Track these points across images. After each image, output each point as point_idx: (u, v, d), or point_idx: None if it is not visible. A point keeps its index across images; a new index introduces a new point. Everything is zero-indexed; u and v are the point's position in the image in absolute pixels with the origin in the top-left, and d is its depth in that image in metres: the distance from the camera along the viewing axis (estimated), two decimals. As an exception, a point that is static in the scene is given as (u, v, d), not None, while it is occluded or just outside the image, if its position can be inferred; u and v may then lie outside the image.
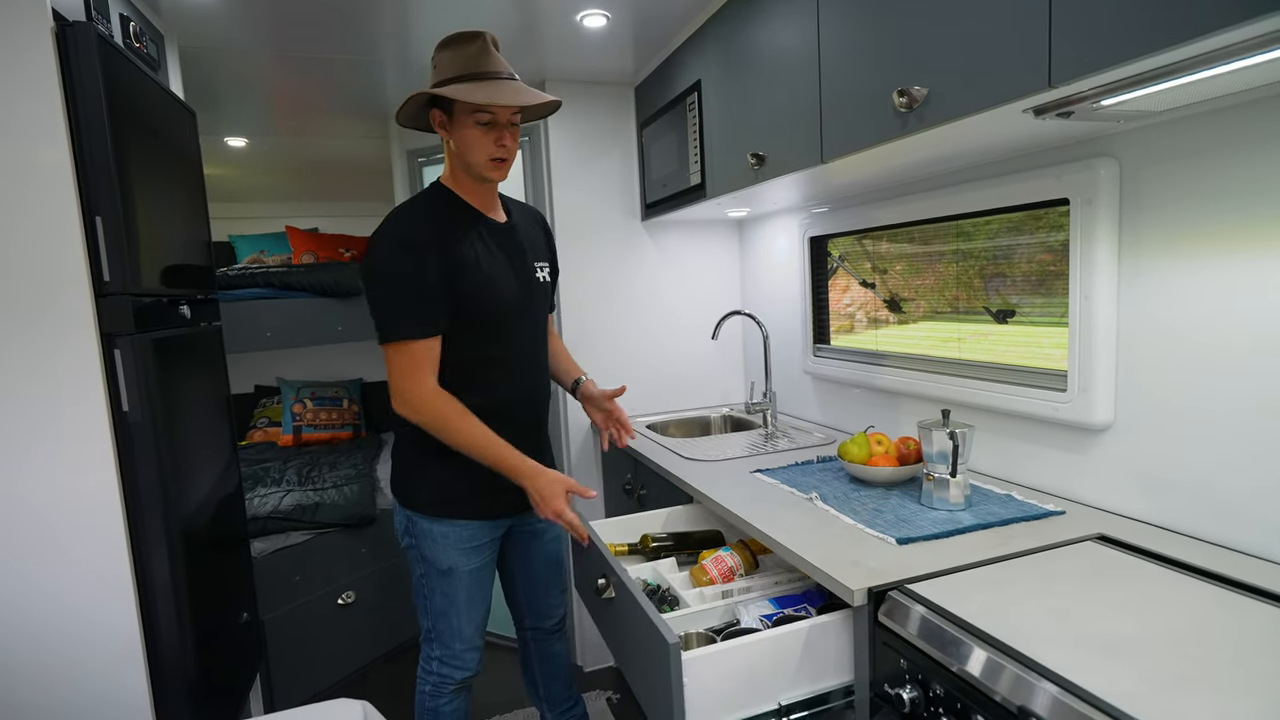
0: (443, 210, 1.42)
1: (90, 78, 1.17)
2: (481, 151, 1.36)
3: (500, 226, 1.48)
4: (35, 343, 1.17)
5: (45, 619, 1.21)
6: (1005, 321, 1.50)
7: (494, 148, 1.36)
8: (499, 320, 1.43)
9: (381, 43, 1.93)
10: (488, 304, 1.40)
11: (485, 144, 1.35)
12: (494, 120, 1.34)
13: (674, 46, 1.99)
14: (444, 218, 1.40)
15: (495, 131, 1.35)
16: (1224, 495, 1.07)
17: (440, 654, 1.54)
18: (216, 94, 2.29)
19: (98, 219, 1.19)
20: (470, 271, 1.37)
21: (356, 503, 2.53)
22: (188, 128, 1.66)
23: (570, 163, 2.33)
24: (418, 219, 1.39)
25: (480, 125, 1.34)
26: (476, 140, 1.35)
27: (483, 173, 1.39)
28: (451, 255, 1.36)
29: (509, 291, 1.44)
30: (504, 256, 1.45)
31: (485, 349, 1.43)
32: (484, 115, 1.33)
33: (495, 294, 1.41)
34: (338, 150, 3.16)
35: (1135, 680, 0.73)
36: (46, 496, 1.20)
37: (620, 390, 1.64)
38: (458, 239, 1.38)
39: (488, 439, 1.36)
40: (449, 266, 1.35)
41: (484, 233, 1.44)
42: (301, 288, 2.94)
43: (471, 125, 1.34)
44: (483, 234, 1.43)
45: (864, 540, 1.17)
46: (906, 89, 1.09)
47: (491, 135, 1.35)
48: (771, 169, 1.55)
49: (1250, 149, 0.99)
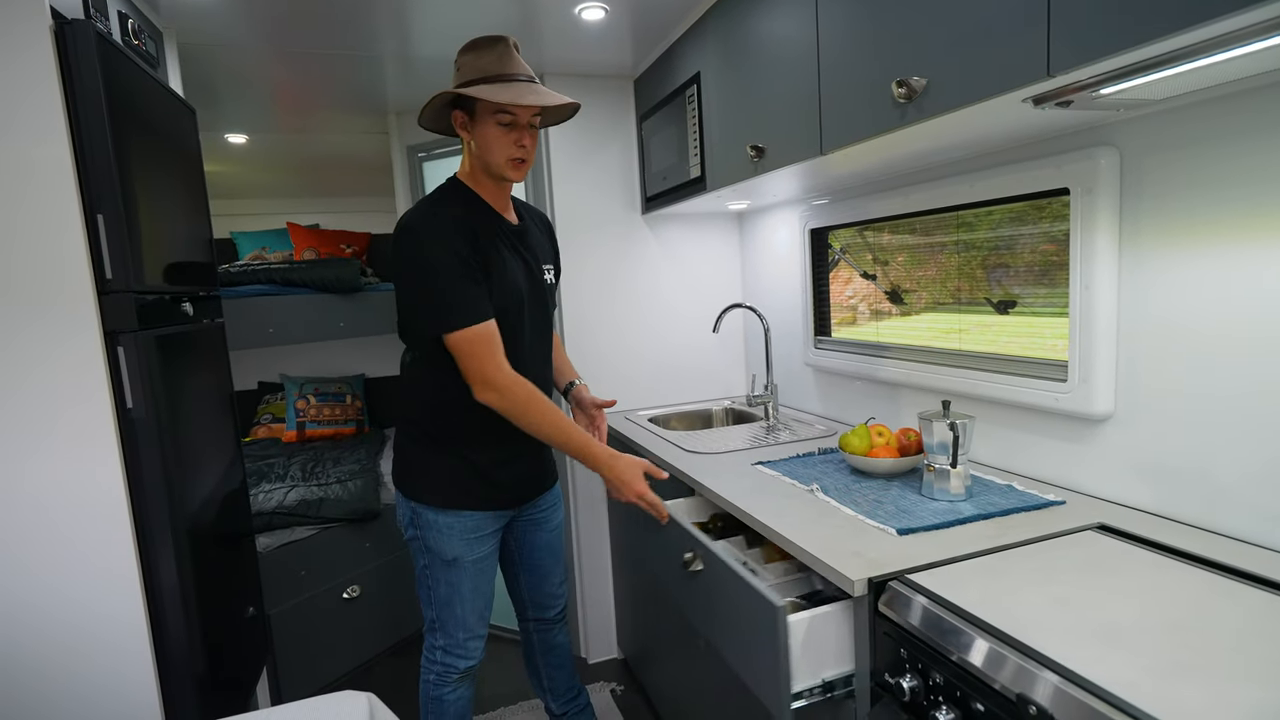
0: (468, 207, 1.45)
1: (90, 76, 1.17)
2: (502, 152, 1.39)
3: (514, 228, 1.51)
4: (39, 341, 1.18)
5: (53, 614, 1.23)
6: (1006, 312, 1.50)
7: (514, 148, 1.39)
8: (513, 319, 1.45)
9: (381, 38, 1.93)
10: (505, 302, 1.42)
11: (506, 144, 1.38)
12: (515, 121, 1.37)
13: (673, 39, 1.99)
14: (470, 215, 1.43)
15: (516, 132, 1.38)
16: (1224, 483, 1.07)
17: (444, 643, 1.56)
18: (216, 91, 2.29)
19: (99, 217, 1.20)
20: (492, 269, 1.40)
21: (361, 497, 2.54)
22: (188, 124, 1.67)
23: (570, 156, 2.33)
24: (456, 210, 1.41)
25: (501, 126, 1.37)
26: (497, 140, 1.38)
27: (503, 172, 1.41)
28: (482, 252, 1.39)
29: (522, 292, 1.47)
30: (518, 258, 1.48)
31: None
32: (505, 116, 1.36)
33: (511, 293, 1.44)
34: (338, 146, 3.16)
35: (1134, 668, 0.74)
36: (52, 493, 1.21)
37: (610, 402, 1.71)
38: (482, 236, 1.41)
39: (569, 423, 1.42)
40: (480, 263, 1.38)
41: (501, 233, 1.47)
42: (304, 284, 2.95)
43: (493, 125, 1.37)
44: (501, 235, 1.46)
45: (865, 531, 1.17)
46: (905, 80, 1.09)
47: (512, 136, 1.38)
48: (771, 161, 1.55)
49: (1250, 137, 0.99)
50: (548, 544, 1.70)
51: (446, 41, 1.95)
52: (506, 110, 1.35)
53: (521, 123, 1.38)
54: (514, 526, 1.65)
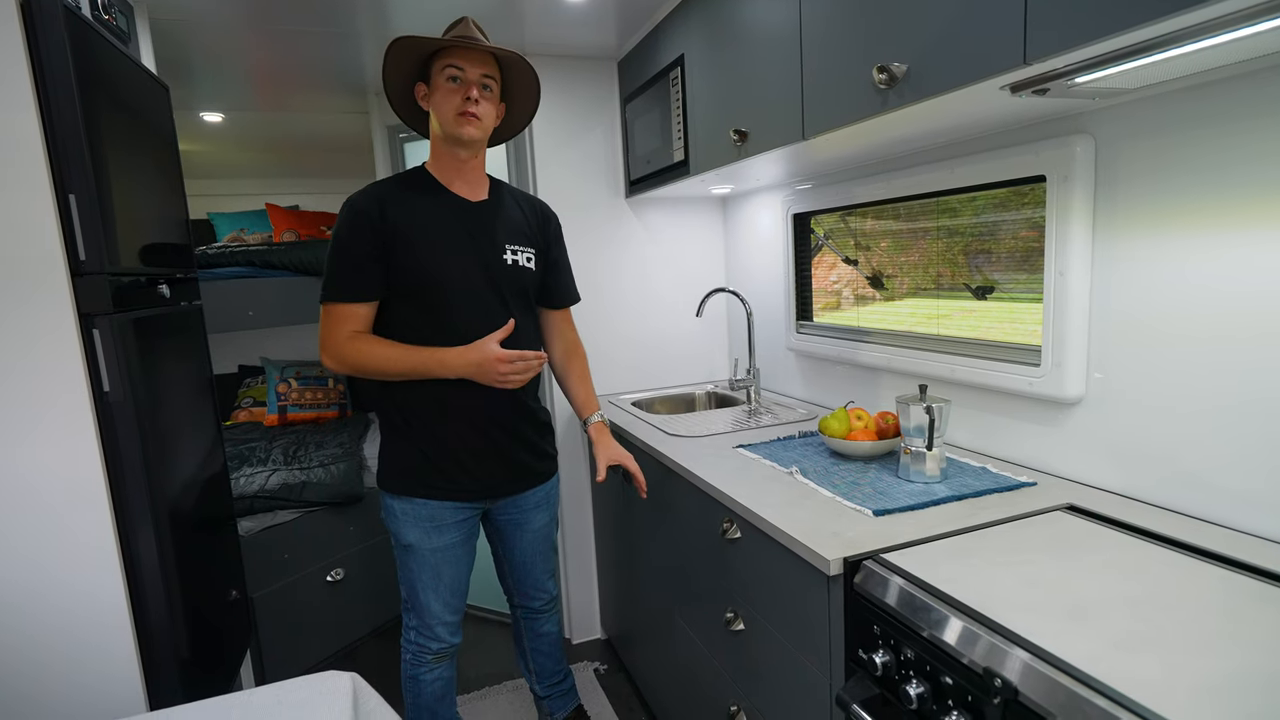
0: (402, 183, 1.48)
1: (58, 52, 1.14)
2: (450, 107, 1.40)
3: (469, 205, 1.49)
4: (11, 323, 1.16)
5: (34, 596, 1.22)
6: (984, 298, 1.52)
7: (461, 102, 1.39)
8: (442, 292, 1.43)
9: (360, 14, 1.89)
10: (428, 275, 1.42)
11: (454, 100, 1.40)
12: (462, 77, 1.39)
13: (657, 20, 1.97)
14: (397, 190, 1.45)
15: (464, 88, 1.39)
16: (1189, 466, 1.10)
17: (415, 624, 1.59)
18: (190, 67, 2.24)
19: (71, 197, 1.17)
20: (407, 242, 1.41)
21: (344, 481, 2.54)
22: (161, 102, 1.63)
23: (553, 139, 2.31)
24: (368, 190, 1.45)
25: (450, 82, 1.39)
26: (446, 97, 1.40)
27: (453, 130, 1.41)
28: (392, 225, 1.40)
29: (457, 265, 1.44)
30: (463, 232, 1.46)
31: (429, 321, 1.44)
32: (453, 70, 1.39)
33: (437, 265, 1.42)
34: (318, 126, 3.11)
35: (1095, 642, 0.77)
36: (30, 476, 1.19)
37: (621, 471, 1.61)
38: (404, 210, 1.42)
39: (406, 350, 1.42)
40: (386, 236, 1.40)
41: (443, 207, 1.46)
42: (283, 266, 2.91)
43: (443, 83, 1.40)
44: (440, 208, 1.46)
45: (842, 513, 1.20)
46: (886, 65, 1.09)
47: (460, 91, 1.39)
48: (754, 145, 1.55)
49: (1221, 124, 1.01)
50: (530, 544, 1.68)
51: (428, 18, 1.92)
52: (454, 65, 1.38)
53: (470, 79, 1.39)
54: (494, 521, 1.65)
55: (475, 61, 1.39)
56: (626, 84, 2.28)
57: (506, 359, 1.40)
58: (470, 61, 1.39)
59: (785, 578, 1.18)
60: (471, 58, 1.39)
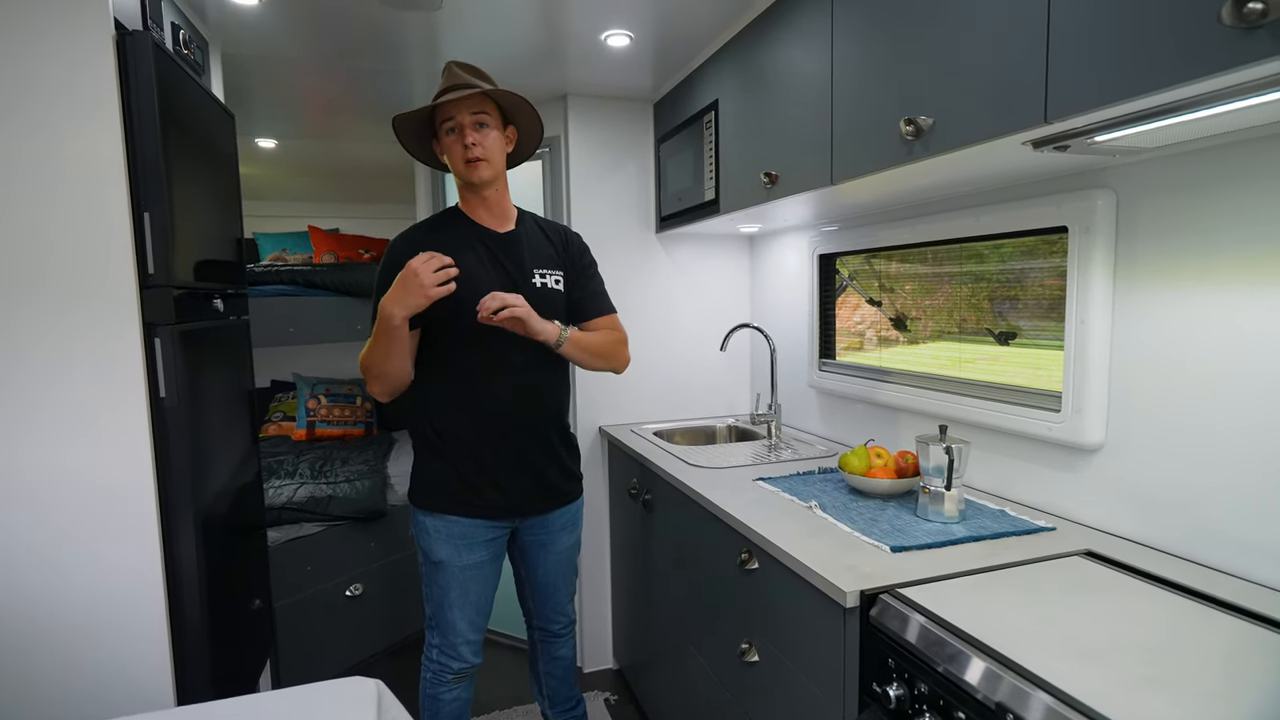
0: (436, 223, 1.57)
1: (145, 82, 1.25)
2: (456, 156, 1.49)
3: (497, 235, 1.57)
4: (84, 328, 1.24)
5: (77, 594, 1.28)
6: (1007, 344, 1.55)
7: (463, 150, 1.46)
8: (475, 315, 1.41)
9: (410, 53, 2.01)
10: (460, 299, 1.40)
11: (457, 148, 1.48)
12: (457, 124, 1.46)
13: (693, 67, 2.06)
14: (432, 229, 1.55)
15: (461, 134, 1.46)
16: (1207, 517, 1.11)
17: (438, 643, 1.60)
18: (252, 97, 2.38)
19: (145, 215, 1.27)
20: None
21: (368, 497, 2.59)
22: (227, 129, 1.74)
23: (589, 173, 2.40)
24: (405, 232, 1.56)
25: (450, 134, 1.47)
26: (451, 148, 1.49)
27: (463, 176, 1.50)
28: None
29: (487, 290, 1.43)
30: (493, 263, 1.54)
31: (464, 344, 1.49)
32: (448, 123, 1.47)
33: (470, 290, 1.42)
34: (362, 153, 3.25)
35: (1106, 681, 0.78)
36: (86, 474, 1.26)
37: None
38: (435, 242, 1.48)
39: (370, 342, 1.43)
40: None
41: (476, 242, 1.53)
42: (324, 286, 3.03)
43: (445, 136, 1.49)
44: (474, 243, 1.53)
45: (859, 547, 1.21)
46: (913, 118, 1.15)
47: (459, 139, 1.47)
48: (783, 188, 1.61)
49: (1239, 184, 1.05)
50: (554, 566, 1.70)
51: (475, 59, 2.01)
52: (448, 118, 1.46)
53: (463, 123, 1.45)
54: (520, 540, 1.67)
55: (464, 107, 1.45)
56: (661, 124, 2.37)
57: (420, 259, 1.34)
58: (459, 109, 1.45)
59: (801, 609, 1.20)
60: (459, 105, 1.44)
